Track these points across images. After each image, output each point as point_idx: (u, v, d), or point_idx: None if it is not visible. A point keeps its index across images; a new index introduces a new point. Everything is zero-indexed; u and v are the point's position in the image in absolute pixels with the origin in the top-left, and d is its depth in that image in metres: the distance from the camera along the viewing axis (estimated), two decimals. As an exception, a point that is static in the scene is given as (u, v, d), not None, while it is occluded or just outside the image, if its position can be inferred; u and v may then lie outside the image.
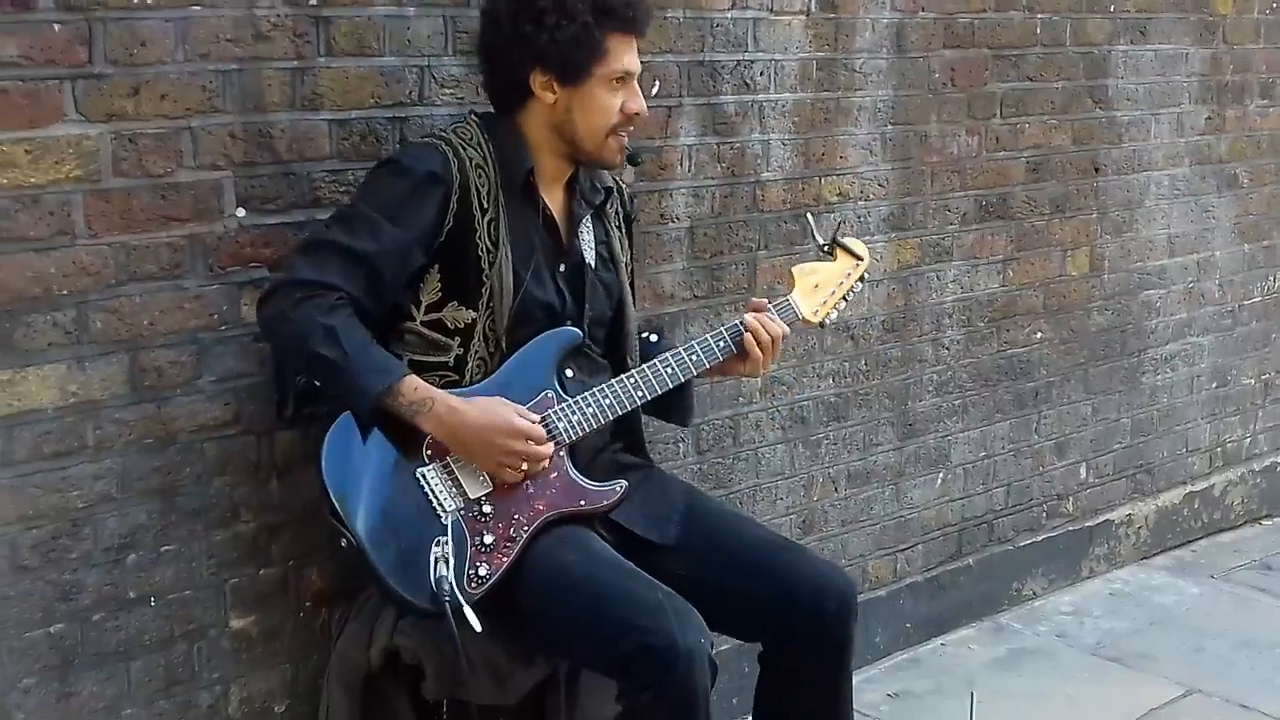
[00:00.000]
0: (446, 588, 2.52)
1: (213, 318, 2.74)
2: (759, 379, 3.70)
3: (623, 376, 2.78)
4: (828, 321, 2.97)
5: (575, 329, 2.79)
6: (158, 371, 2.69)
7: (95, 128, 2.56)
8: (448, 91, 3.01)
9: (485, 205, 2.69)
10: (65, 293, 2.57)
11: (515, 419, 2.63)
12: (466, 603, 2.54)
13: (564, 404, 2.71)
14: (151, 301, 2.67)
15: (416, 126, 2.96)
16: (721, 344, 2.84)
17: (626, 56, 2.73)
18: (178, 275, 2.69)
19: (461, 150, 2.69)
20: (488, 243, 2.69)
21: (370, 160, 2.89)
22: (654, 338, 3.03)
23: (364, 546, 2.55)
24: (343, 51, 2.85)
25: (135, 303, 2.65)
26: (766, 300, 2.93)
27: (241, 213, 2.75)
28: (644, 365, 2.79)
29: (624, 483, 2.77)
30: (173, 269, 2.69)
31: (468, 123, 2.77)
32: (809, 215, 3.26)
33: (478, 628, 2.53)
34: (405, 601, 2.58)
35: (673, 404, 2.92)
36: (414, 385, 2.59)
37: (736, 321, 2.85)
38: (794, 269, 2.97)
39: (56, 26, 2.50)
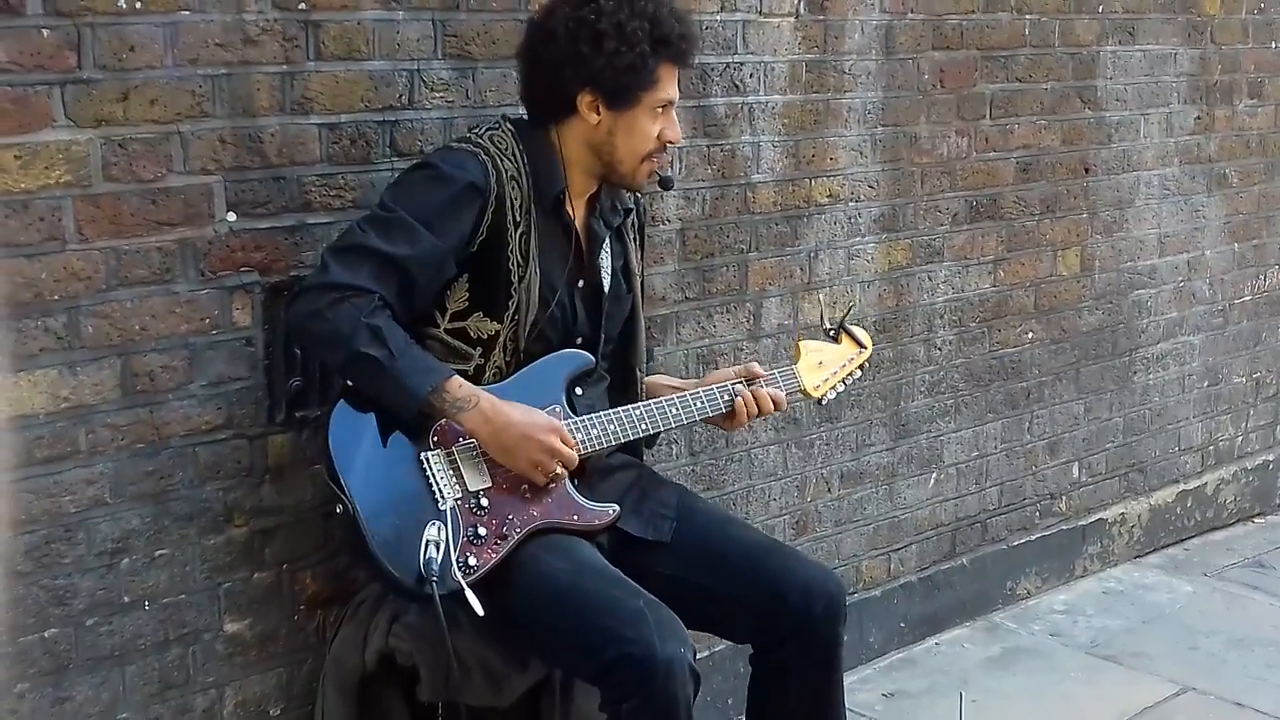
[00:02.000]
0: (435, 570, 2.53)
1: (204, 322, 2.74)
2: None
3: (629, 408, 2.81)
4: (825, 400, 3.10)
5: (589, 355, 2.82)
6: (149, 376, 2.69)
7: (85, 133, 2.56)
8: (437, 95, 3.01)
9: (518, 219, 2.70)
10: (56, 298, 2.57)
11: (552, 418, 2.68)
12: (454, 591, 2.55)
13: (571, 421, 2.74)
14: (142, 306, 2.67)
15: (406, 130, 2.96)
16: (726, 397, 2.89)
17: (672, 86, 2.77)
18: (168, 280, 2.70)
19: (499, 161, 2.69)
20: (519, 257, 2.70)
21: (361, 164, 2.90)
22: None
23: (359, 515, 2.56)
24: (332, 55, 2.85)
25: (126, 307, 2.65)
26: (759, 366, 2.96)
27: (232, 217, 2.75)
28: (650, 402, 2.84)
29: (616, 507, 2.79)
30: (163, 273, 2.69)
31: (502, 130, 2.76)
32: (821, 297, 3.49)
33: (480, 611, 2.54)
34: (391, 577, 2.58)
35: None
36: (459, 383, 2.62)
37: (740, 384, 2.90)
38: (801, 343, 3.09)
39: (45, 31, 2.49)
